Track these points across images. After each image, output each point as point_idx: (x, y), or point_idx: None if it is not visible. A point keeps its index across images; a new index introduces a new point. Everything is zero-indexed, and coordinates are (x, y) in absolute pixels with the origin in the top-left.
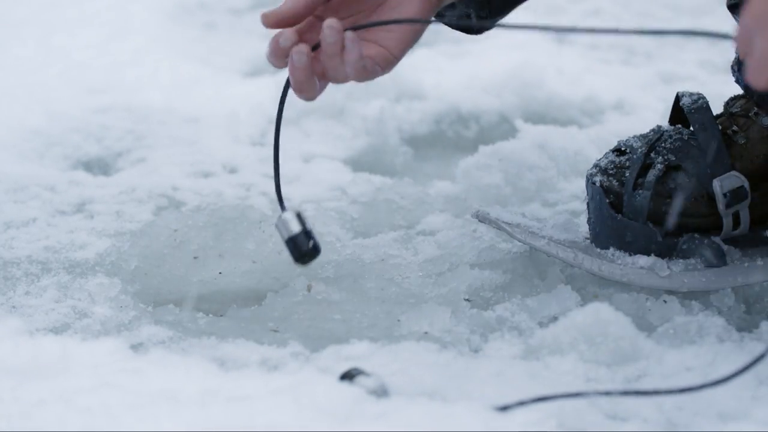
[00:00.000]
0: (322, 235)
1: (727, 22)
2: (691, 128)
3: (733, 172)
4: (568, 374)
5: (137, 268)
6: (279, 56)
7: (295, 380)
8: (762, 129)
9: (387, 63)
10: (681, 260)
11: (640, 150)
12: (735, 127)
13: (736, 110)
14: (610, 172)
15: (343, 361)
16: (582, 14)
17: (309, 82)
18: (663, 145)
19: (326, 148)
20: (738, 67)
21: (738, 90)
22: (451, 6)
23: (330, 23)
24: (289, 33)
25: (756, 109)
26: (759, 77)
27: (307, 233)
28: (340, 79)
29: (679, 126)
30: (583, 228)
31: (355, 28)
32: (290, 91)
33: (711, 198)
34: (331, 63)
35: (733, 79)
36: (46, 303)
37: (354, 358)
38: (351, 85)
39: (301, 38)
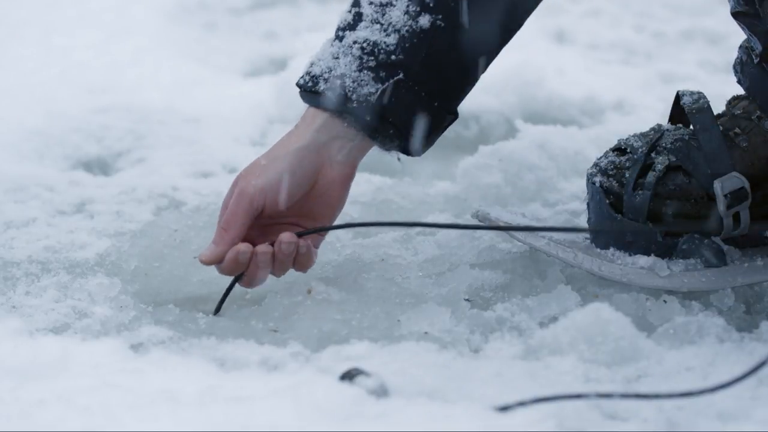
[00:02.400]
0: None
1: (727, 23)
2: (692, 128)
3: (734, 173)
4: (568, 374)
5: (137, 268)
6: (239, 269)
7: (295, 380)
8: (764, 132)
9: (320, 242)
10: (681, 260)
11: (640, 150)
12: (737, 130)
13: (738, 112)
14: (610, 172)
15: (343, 361)
16: (582, 14)
17: (265, 277)
18: (663, 145)
19: None
20: (740, 68)
21: (739, 90)
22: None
23: (286, 238)
24: (244, 247)
25: (759, 112)
26: None
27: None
28: (285, 273)
29: (680, 125)
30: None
31: (304, 233)
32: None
33: (711, 199)
34: (285, 265)
35: (735, 79)
36: (46, 303)
37: (354, 358)
38: None
39: (253, 243)
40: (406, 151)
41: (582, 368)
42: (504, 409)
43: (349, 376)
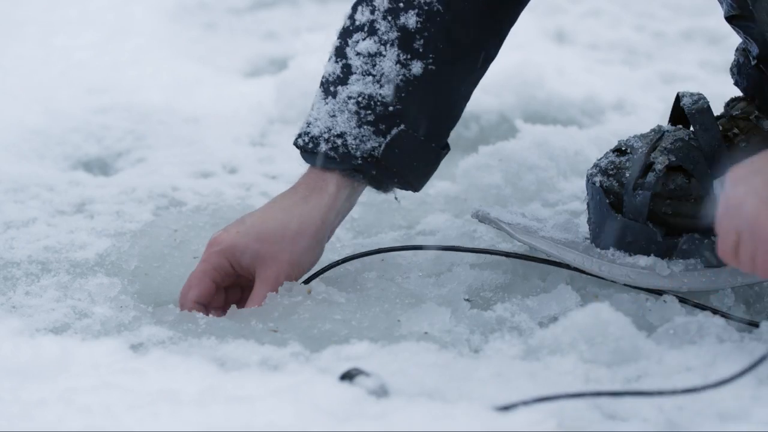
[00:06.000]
0: None
1: (726, 24)
2: (692, 129)
3: None
4: (568, 374)
5: (137, 268)
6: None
7: (295, 380)
8: (763, 132)
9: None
10: (681, 260)
11: (640, 150)
12: (736, 130)
13: (736, 113)
14: (610, 172)
15: (343, 361)
16: (582, 14)
17: None
18: (663, 145)
19: None
20: (737, 70)
21: (737, 91)
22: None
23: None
24: (199, 308)
25: (757, 112)
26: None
27: None
28: None
29: (680, 126)
30: (583, 228)
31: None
32: None
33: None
34: None
35: (732, 81)
36: (46, 303)
37: (354, 358)
38: None
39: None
40: (406, 189)
41: (582, 368)
42: (504, 408)
43: (349, 376)
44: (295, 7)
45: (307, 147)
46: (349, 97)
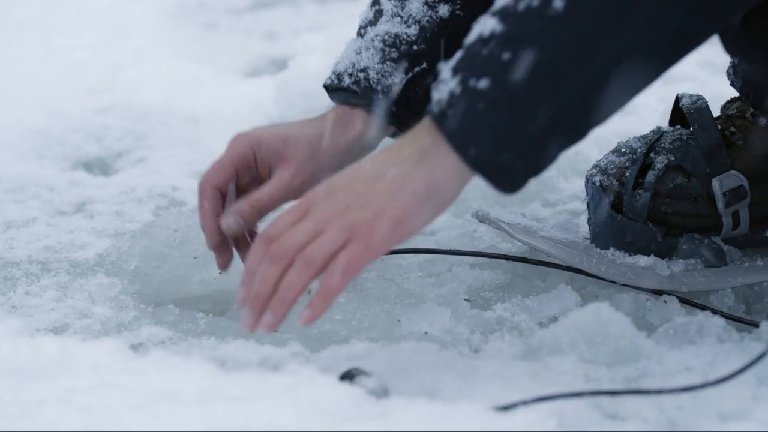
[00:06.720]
0: None
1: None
2: (691, 129)
3: (732, 172)
4: (568, 374)
5: (137, 268)
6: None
7: (295, 380)
8: (759, 129)
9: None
10: (681, 260)
11: (639, 150)
12: (732, 128)
13: (732, 112)
14: (610, 172)
15: (343, 361)
16: None
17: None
18: (662, 145)
19: None
20: (733, 71)
21: (734, 93)
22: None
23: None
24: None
25: (752, 110)
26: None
27: None
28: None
29: (678, 126)
30: (583, 228)
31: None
32: None
33: (711, 198)
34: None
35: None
36: (46, 303)
37: (354, 358)
38: None
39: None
40: None
41: (582, 368)
42: (504, 409)
43: (349, 376)
44: (295, 7)
45: (333, 84)
46: (376, 35)
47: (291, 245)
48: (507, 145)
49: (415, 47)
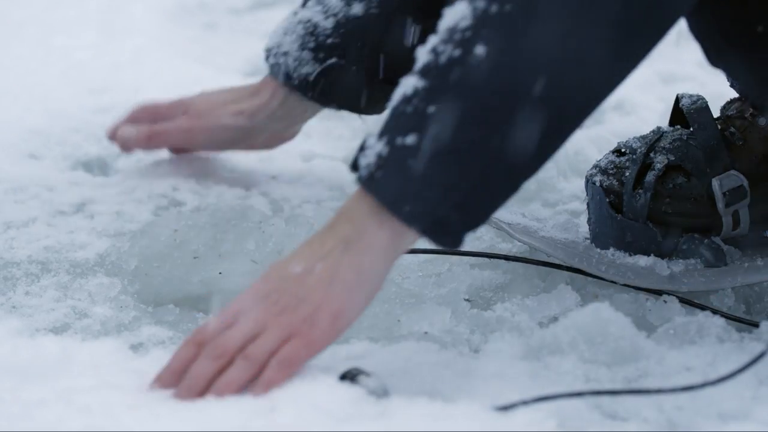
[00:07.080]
0: None
1: None
2: (691, 129)
3: (732, 172)
4: (568, 374)
5: (137, 268)
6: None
7: (294, 380)
8: (759, 129)
9: None
10: (681, 260)
11: (639, 150)
12: (732, 129)
13: (732, 112)
14: (610, 172)
15: (343, 361)
16: None
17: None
18: (662, 145)
19: (326, 148)
20: None
21: (734, 93)
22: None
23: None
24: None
25: (752, 110)
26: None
27: None
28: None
29: (678, 126)
30: (583, 228)
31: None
32: None
33: (711, 198)
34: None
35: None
36: (46, 303)
37: (354, 358)
38: None
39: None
40: (351, 112)
41: (582, 368)
42: (504, 408)
43: (349, 376)
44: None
45: (264, 55)
46: (300, 21)
47: (230, 345)
48: (440, 197)
49: (329, 41)
